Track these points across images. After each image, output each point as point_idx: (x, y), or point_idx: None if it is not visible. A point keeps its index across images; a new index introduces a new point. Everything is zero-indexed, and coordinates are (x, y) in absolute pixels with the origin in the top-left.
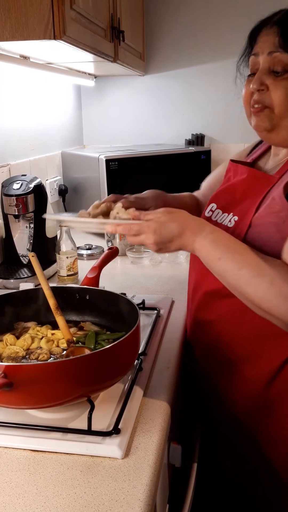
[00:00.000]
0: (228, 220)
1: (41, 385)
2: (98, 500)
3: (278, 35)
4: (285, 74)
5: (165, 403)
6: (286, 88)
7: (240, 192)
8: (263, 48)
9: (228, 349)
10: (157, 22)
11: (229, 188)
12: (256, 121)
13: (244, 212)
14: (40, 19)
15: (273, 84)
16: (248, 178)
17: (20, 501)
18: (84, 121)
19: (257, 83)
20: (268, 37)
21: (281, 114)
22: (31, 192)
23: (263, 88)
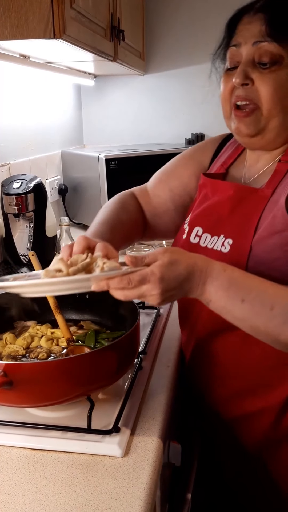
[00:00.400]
0: (220, 244)
1: (41, 383)
2: (98, 498)
3: (265, 22)
4: (273, 66)
5: (165, 402)
6: (275, 81)
7: (227, 211)
8: (245, 37)
9: (233, 382)
10: (157, 21)
11: (212, 207)
12: (239, 126)
13: (239, 234)
14: (40, 18)
15: (260, 77)
16: (235, 195)
17: (20, 500)
18: (84, 120)
19: (241, 77)
20: (252, 25)
21: (270, 113)
22: (31, 192)
23: (248, 82)
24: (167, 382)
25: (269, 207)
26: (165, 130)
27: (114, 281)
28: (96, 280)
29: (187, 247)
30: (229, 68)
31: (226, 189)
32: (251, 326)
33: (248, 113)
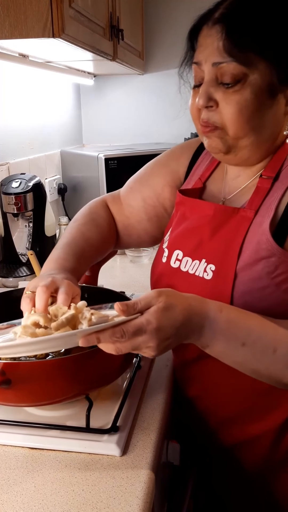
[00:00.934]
0: (202, 269)
1: (39, 382)
2: (96, 497)
3: (223, 38)
4: (236, 85)
5: (163, 401)
6: (239, 103)
7: (208, 234)
8: (205, 55)
9: (227, 408)
10: (156, 20)
11: (192, 229)
12: (209, 142)
13: (221, 260)
14: (39, 17)
15: (223, 98)
16: (215, 216)
17: (18, 499)
18: (84, 120)
19: (204, 99)
20: (211, 39)
21: (236, 135)
22: (30, 191)
23: (212, 104)
24: (165, 381)
25: (253, 230)
26: (165, 130)
27: (105, 334)
28: (84, 334)
29: (167, 271)
30: (195, 85)
31: (205, 209)
32: (252, 370)
33: (212, 129)
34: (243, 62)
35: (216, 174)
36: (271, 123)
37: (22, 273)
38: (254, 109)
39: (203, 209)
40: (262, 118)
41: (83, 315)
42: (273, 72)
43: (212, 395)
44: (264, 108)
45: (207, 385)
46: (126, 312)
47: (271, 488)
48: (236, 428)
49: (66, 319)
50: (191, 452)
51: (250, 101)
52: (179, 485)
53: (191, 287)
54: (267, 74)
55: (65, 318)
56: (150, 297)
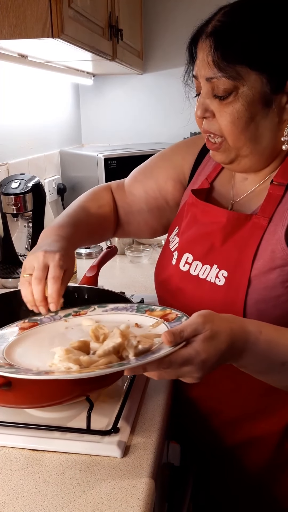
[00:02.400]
0: (214, 275)
1: (39, 384)
2: (97, 499)
3: (212, 50)
4: (229, 97)
5: (164, 402)
6: (232, 115)
7: (220, 239)
8: (200, 70)
9: (231, 409)
10: (155, 20)
11: (204, 234)
12: (214, 155)
13: (235, 267)
14: (38, 17)
15: (218, 110)
16: (228, 223)
17: (19, 501)
18: (83, 119)
19: (201, 110)
20: (203, 53)
21: (235, 144)
22: (30, 191)
23: (208, 115)
24: (166, 382)
25: (267, 238)
26: (164, 129)
27: (152, 365)
28: (133, 367)
29: (176, 274)
30: (197, 94)
31: (218, 215)
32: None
33: (217, 147)
34: (232, 76)
35: (224, 175)
36: (268, 131)
37: None
38: (247, 120)
39: (216, 215)
40: (257, 127)
41: (129, 342)
42: (264, 82)
43: (216, 395)
44: (259, 118)
45: (210, 385)
46: (172, 342)
47: (272, 490)
48: (239, 429)
49: (113, 348)
50: (192, 452)
51: (242, 112)
52: (179, 486)
53: (203, 292)
54: (258, 85)
55: (113, 347)
56: (195, 324)
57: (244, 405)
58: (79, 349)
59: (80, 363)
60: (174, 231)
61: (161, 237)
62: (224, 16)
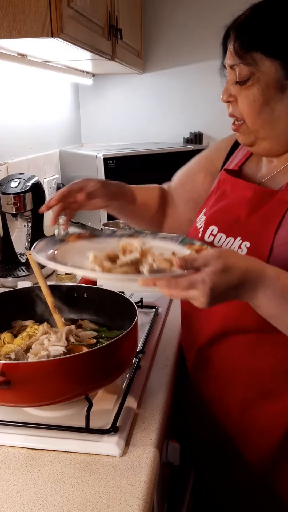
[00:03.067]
0: (236, 246)
1: (39, 383)
2: (96, 498)
3: (234, 40)
4: (247, 82)
5: (163, 401)
6: (248, 98)
7: (245, 213)
8: (226, 59)
9: (241, 390)
10: (155, 20)
11: (229, 207)
12: (238, 137)
13: (257, 238)
14: (37, 16)
15: (239, 94)
16: (254, 197)
17: (18, 500)
18: (82, 119)
19: (225, 95)
20: (230, 44)
21: (253, 127)
22: (29, 191)
23: (232, 99)
24: (165, 381)
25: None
26: (164, 129)
27: (161, 282)
28: (144, 279)
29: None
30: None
31: (245, 189)
32: None
33: (237, 127)
34: (249, 63)
35: (252, 160)
36: (284, 115)
37: (21, 273)
38: (262, 103)
39: (243, 189)
40: (273, 111)
41: (146, 259)
42: (278, 69)
43: (226, 378)
44: (273, 102)
45: (221, 367)
46: (183, 267)
47: (274, 483)
48: (249, 412)
49: (130, 261)
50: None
51: (257, 96)
52: (179, 485)
53: None
54: (273, 72)
55: (130, 260)
56: (210, 257)
57: (256, 386)
58: (108, 258)
59: (103, 268)
60: (202, 212)
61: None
62: (248, 11)
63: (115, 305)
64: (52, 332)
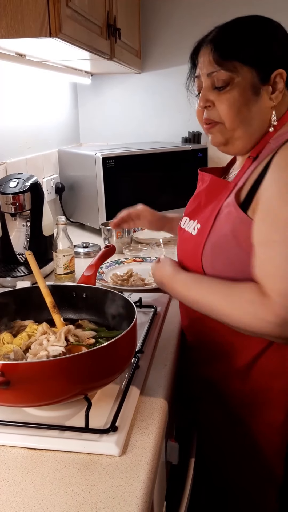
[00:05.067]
0: (192, 227)
1: (38, 383)
2: (96, 497)
3: (212, 51)
4: (226, 87)
5: (162, 401)
6: (229, 100)
7: (204, 199)
8: (202, 69)
9: (216, 342)
10: (153, 19)
11: (196, 196)
12: (211, 138)
13: (205, 219)
14: (35, 16)
15: (217, 99)
16: (210, 185)
17: (17, 499)
18: (81, 119)
19: (203, 101)
20: (205, 56)
21: (231, 127)
22: (28, 191)
23: (209, 104)
24: (164, 381)
25: (229, 197)
26: (162, 129)
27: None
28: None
29: (179, 232)
30: (197, 94)
31: (206, 180)
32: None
33: (212, 124)
34: (229, 69)
35: (233, 165)
36: (258, 115)
37: (20, 273)
38: (241, 104)
39: (205, 180)
40: (249, 111)
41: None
42: (254, 74)
43: (207, 332)
44: (250, 104)
45: (204, 323)
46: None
47: (252, 429)
48: (219, 363)
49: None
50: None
51: (237, 98)
52: (178, 484)
53: (184, 242)
54: (249, 77)
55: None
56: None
57: (226, 339)
58: None
59: None
60: None
61: (159, 236)
62: (220, 29)
63: (114, 304)
64: (51, 332)
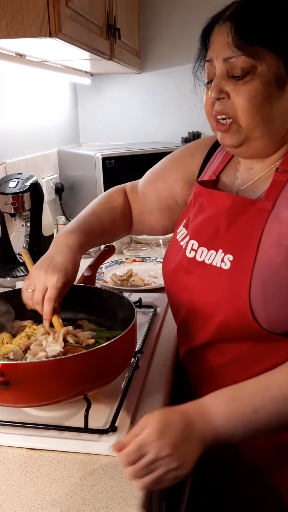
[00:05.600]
0: (219, 259)
1: (37, 383)
2: (95, 497)
3: (232, 31)
4: (246, 77)
5: (161, 401)
6: (249, 93)
7: (225, 224)
8: (216, 52)
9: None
10: (153, 19)
11: (209, 219)
12: (223, 138)
13: (240, 250)
14: (35, 16)
15: (234, 90)
16: (233, 206)
17: (17, 499)
18: (81, 119)
19: (215, 91)
20: (221, 36)
21: (249, 126)
22: (27, 191)
23: (223, 96)
24: (164, 381)
25: (271, 221)
26: (162, 129)
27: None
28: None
29: (183, 262)
30: (208, 82)
31: (223, 199)
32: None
33: (227, 128)
34: (251, 55)
35: (230, 167)
36: (281, 113)
37: (19, 273)
38: (263, 99)
39: (221, 200)
40: (271, 108)
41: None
42: (280, 64)
43: (218, 379)
44: (273, 99)
45: (217, 373)
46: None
47: (274, 479)
48: None
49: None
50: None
51: (259, 91)
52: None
53: (209, 277)
54: (275, 66)
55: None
56: (143, 423)
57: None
58: None
59: None
60: (181, 223)
61: (159, 237)
62: (241, 3)
63: (113, 305)
64: (52, 332)
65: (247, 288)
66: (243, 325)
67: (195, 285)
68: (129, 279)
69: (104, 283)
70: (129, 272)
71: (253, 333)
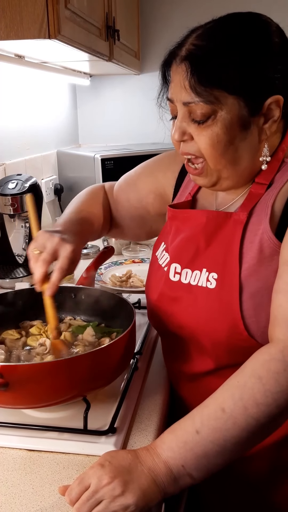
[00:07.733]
0: (204, 279)
1: (36, 384)
2: None
3: (188, 75)
4: (207, 121)
5: (160, 402)
6: (211, 138)
7: (203, 242)
8: (176, 94)
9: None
10: (152, 20)
11: (188, 240)
12: (195, 179)
13: (223, 266)
14: (34, 18)
15: (196, 133)
16: (209, 223)
17: (16, 501)
18: (80, 120)
19: (178, 134)
20: (178, 76)
21: (216, 167)
22: (27, 192)
23: (186, 138)
24: (163, 382)
25: (251, 230)
26: (161, 130)
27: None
28: None
29: (168, 286)
30: (171, 118)
31: (198, 217)
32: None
33: (200, 172)
34: (210, 101)
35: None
36: (247, 153)
37: (18, 274)
38: (226, 142)
39: (196, 218)
40: (237, 150)
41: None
42: (242, 105)
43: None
44: (237, 141)
45: (198, 383)
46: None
47: (272, 494)
48: None
49: None
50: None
51: (221, 135)
52: None
53: (196, 298)
54: (236, 109)
55: None
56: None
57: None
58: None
59: None
60: (160, 246)
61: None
62: (198, 40)
63: (112, 306)
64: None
65: (237, 303)
66: (239, 343)
67: (184, 309)
68: (128, 280)
69: (103, 284)
70: (128, 273)
71: (248, 350)
